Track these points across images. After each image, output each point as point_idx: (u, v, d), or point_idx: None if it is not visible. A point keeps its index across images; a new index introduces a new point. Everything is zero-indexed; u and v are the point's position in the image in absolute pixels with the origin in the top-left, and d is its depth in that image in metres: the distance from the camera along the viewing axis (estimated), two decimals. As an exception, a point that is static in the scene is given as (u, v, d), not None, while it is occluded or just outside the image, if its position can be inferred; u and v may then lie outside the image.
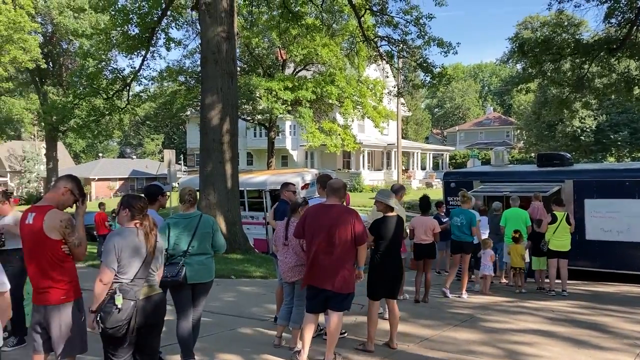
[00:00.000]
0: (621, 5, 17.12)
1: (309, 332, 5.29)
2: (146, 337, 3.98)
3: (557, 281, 9.85)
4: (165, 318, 4.45)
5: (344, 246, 5.20)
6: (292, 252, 5.82)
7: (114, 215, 14.59)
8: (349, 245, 5.23)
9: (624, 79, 19.48)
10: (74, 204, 4.16)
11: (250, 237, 15.27)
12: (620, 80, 19.57)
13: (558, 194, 11.44)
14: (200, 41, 15.42)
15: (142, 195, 4.43)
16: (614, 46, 17.39)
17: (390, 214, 6.14)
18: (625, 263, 10.97)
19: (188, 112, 37.89)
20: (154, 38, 21.68)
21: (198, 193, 14.34)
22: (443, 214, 11.81)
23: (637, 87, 19.86)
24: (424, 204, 9.06)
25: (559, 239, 9.73)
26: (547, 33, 21.02)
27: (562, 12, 19.37)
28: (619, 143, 48.04)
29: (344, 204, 5.67)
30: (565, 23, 20.69)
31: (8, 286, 3.31)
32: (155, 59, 56.59)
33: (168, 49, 26.13)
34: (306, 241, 5.42)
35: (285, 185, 7.50)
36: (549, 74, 20.35)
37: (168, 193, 14.69)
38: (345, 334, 6.39)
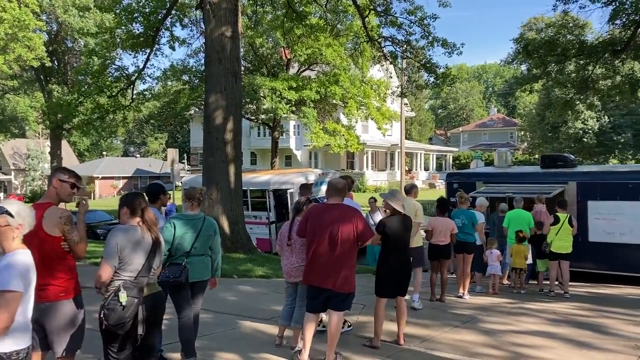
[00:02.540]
0: (626, 7, 17.07)
1: (309, 332, 5.30)
2: (146, 335, 4.00)
3: (557, 283, 9.84)
4: (165, 317, 4.47)
5: (345, 245, 5.21)
6: (296, 252, 5.83)
7: None
8: (351, 245, 5.26)
9: (628, 80, 19.43)
10: (74, 194, 4.15)
11: (253, 236, 15.26)
12: (625, 81, 19.51)
13: (561, 195, 11.42)
14: (204, 40, 15.44)
15: (142, 193, 4.44)
16: (618, 48, 17.35)
17: (397, 213, 6.23)
18: (628, 265, 10.94)
19: (192, 111, 37.94)
20: (158, 37, 21.72)
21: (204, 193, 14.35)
22: None
23: (641, 88, 19.81)
24: (443, 205, 9.06)
25: (562, 240, 9.71)
26: (551, 34, 20.94)
27: (567, 14, 19.31)
28: (620, 145, 47.99)
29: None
30: (570, 24, 20.59)
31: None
32: (157, 57, 56.54)
33: (172, 48, 26.23)
34: (307, 240, 5.43)
35: (306, 186, 7.51)
36: (553, 75, 20.32)
37: (170, 192, 14.73)
38: (351, 327, 6.50)
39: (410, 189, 8.48)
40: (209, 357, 5.57)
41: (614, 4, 17.07)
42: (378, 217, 11.71)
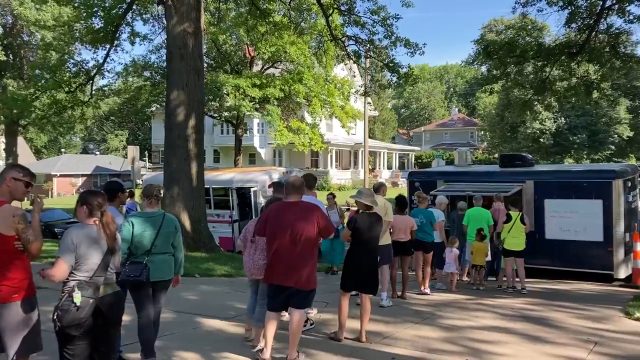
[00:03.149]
0: (581, 11, 17.57)
1: (271, 330, 5.30)
2: (104, 336, 3.92)
3: (516, 279, 10.09)
4: (125, 317, 4.39)
5: (307, 243, 5.23)
6: (260, 249, 5.80)
7: None
8: (312, 242, 5.29)
9: (583, 82, 19.96)
10: (28, 193, 4.04)
11: (215, 235, 15.15)
12: (580, 83, 20.05)
13: (519, 194, 11.70)
14: (166, 36, 15.22)
15: (102, 192, 4.34)
16: (574, 50, 17.84)
17: (368, 210, 6.37)
18: (583, 261, 11.29)
19: (153, 108, 37.34)
20: (119, 32, 21.29)
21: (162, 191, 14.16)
22: None
23: (595, 90, 20.39)
24: (402, 203, 9.17)
25: (514, 238, 9.93)
26: (511, 36, 21.40)
27: (526, 16, 19.73)
28: (576, 146, 49.52)
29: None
30: (529, 27, 21.07)
31: None
32: (117, 52, 55.43)
33: (132, 44, 25.82)
34: (267, 239, 5.43)
35: (279, 184, 7.47)
36: (512, 76, 20.73)
37: (129, 190, 14.46)
38: (313, 325, 6.60)
39: (379, 188, 8.57)
40: (169, 357, 5.51)
41: (569, 8, 17.54)
42: (335, 214, 11.76)
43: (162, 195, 5.42)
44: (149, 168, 49.40)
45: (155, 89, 30.74)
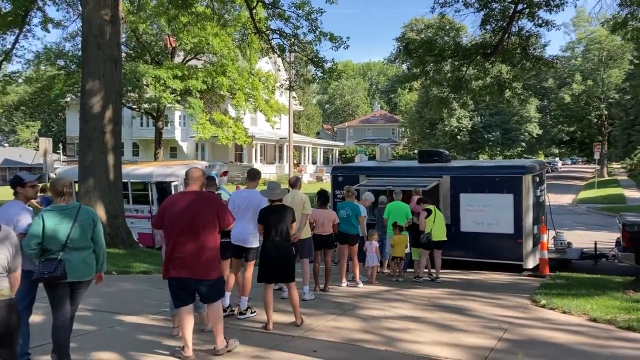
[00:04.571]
0: (495, 13, 18.40)
1: (188, 327, 5.22)
2: None
3: (432, 270, 10.50)
4: (38, 317, 4.18)
5: (206, 231, 5.22)
6: None
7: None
8: (212, 230, 5.27)
9: (496, 81, 20.93)
10: None
11: (134, 231, 14.67)
12: (494, 83, 21.01)
13: (436, 188, 12.14)
14: (81, 23, 14.54)
15: None
16: (489, 51, 18.67)
17: (276, 203, 6.61)
18: (495, 253, 11.85)
19: (68, 99, 35.54)
20: (29, 17, 20.15)
21: (77, 185, 13.55)
22: None
23: (508, 89, 21.44)
24: (324, 198, 9.28)
25: (440, 229, 10.38)
26: (430, 35, 22.08)
27: (444, 16, 20.41)
28: (490, 143, 52.08)
29: None
30: (447, 27, 21.81)
31: None
32: (28, 38, 52.41)
33: (45, 30, 24.39)
34: (165, 232, 5.34)
35: (211, 179, 7.32)
36: (431, 74, 21.38)
37: (40, 185, 13.70)
38: (255, 313, 6.91)
39: (295, 182, 8.69)
40: (84, 358, 5.30)
41: (485, 10, 18.32)
42: None
43: (70, 189, 5.15)
44: (63, 161, 47.09)
45: (69, 79, 29.29)
